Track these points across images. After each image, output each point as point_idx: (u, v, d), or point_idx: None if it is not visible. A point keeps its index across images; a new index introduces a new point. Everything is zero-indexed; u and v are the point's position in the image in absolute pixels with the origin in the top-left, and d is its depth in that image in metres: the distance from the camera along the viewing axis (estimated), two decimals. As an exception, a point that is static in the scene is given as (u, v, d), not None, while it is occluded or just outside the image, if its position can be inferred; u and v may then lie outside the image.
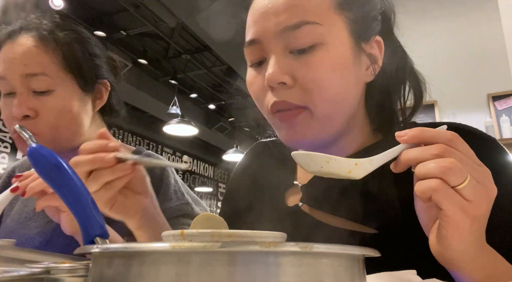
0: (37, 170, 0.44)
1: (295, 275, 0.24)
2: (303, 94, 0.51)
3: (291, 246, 0.24)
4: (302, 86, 0.51)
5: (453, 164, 0.38)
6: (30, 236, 0.84)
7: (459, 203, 0.38)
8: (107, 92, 0.89)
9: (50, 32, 0.81)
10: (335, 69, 0.51)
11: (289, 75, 0.51)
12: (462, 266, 0.41)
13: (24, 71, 0.77)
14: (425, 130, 0.41)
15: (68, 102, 0.80)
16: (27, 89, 0.78)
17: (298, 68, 0.51)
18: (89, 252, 0.28)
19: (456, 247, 0.40)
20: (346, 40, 0.52)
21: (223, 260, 0.23)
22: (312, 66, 0.50)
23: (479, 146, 0.50)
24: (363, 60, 0.55)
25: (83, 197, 0.42)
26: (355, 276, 0.27)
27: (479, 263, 0.42)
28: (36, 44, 0.78)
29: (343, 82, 0.52)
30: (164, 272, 0.23)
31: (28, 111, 0.76)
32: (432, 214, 0.44)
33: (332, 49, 0.51)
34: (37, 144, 0.45)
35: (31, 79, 0.77)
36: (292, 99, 0.51)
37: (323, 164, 0.42)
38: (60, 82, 0.79)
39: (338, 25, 0.52)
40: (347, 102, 0.53)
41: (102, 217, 0.42)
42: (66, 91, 0.80)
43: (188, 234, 0.31)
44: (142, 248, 0.25)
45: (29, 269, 0.34)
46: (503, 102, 2.78)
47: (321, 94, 0.51)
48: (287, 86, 0.51)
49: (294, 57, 0.51)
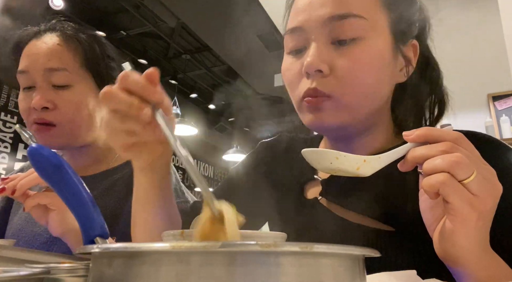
0: (37, 170, 0.44)
1: (295, 275, 0.24)
2: (335, 84, 0.52)
3: (291, 246, 0.24)
4: (337, 77, 0.52)
5: (460, 158, 0.39)
6: (38, 232, 0.85)
7: (466, 196, 0.39)
8: None
9: (74, 33, 0.88)
10: (373, 65, 0.52)
11: (327, 64, 0.52)
12: (467, 265, 0.41)
13: (46, 66, 0.82)
14: (431, 129, 0.42)
15: (85, 97, 0.85)
16: (48, 83, 0.83)
17: (337, 58, 0.52)
18: (89, 252, 0.28)
19: (462, 243, 0.40)
20: (387, 38, 0.54)
21: (223, 260, 0.23)
22: (351, 58, 0.51)
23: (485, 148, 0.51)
24: (399, 61, 0.56)
25: (83, 197, 0.42)
26: (355, 276, 0.27)
27: (483, 262, 0.42)
28: (60, 43, 0.85)
29: (378, 78, 0.53)
30: (164, 272, 0.23)
31: (47, 103, 0.81)
32: (437, 213, 0.44)
33: (373, 44, 0.52)
34: (37, 144, 0.45)
35: (52, 74, 0.82)
36: (323, 87, 0.52)
37: (333, 159, 0.42)
38: (79, 79, 0.85)
39: (382, 22, 0.53)
40: (377, 97, 0.55)
41: (102, 217, 0.42)
42: (84, 87, 0.86)
43: (188, 234, 0.31)
44: (142, 248, 0.25)
45: (29, 269, 0.34)
46: (503, 102, 2.78)
47: (353, 86, 0.52)
48: (323, 74, 0.52)
49: (335, 47, 0.52)
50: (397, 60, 0.56)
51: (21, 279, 0.31)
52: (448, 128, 0.45)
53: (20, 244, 0.84)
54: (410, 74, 0.58)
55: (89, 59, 0.86)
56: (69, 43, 0.85)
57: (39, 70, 0.82)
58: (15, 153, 4.24)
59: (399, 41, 0.55)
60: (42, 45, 0.84)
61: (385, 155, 0.44)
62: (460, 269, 0.42)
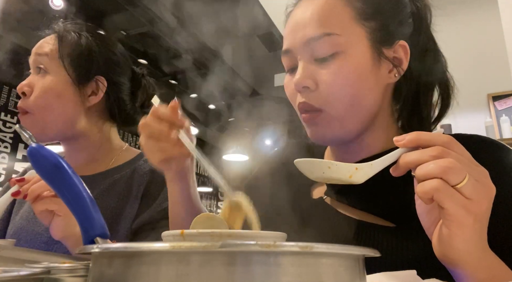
0: (37, 170, 0.44)
1: (295, 275, 0.24)
2: (322, 98, 0.56)
3: (291, 246, 0.24)
4: (322, 90, 0.56)
5: (451, 163, 0.39)
6: (39, 232, 0.85)
7: (461, 201, 0.39)
8: (103, 90, 0.93)
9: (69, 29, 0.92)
10: (352, 76, 0.55)
11: (312, 80, 0.56)
12: (466, 267, 0.42)
13: (36, 51, 0.89)
14: (421, 134, 0.43)
15: (57, 85, 0.88)
16: (35, 69, 0.88)
17: (320, 74, 0.56)
18: (89, 252, 0.28)
19: (460, 246, 0.41)
20: (365, 48, 0.57)
21: (223, 260, 0.23)
22: (331, 72, 0.55)
23: (484, 150, 0.53)
24: (384, 65, 0.58)
25: (83, 197, 0.42)
26: (355, 276, 0.27)
27: (482, 263, 0.42)
28: (54, 36, 0.91)
29: (360, 87, 0.56)
30: (164, 272, 0.23)
31: (26, 88, 0.86)
32: (434, 216, 0.44)
33: (350, 57, 0.55)
34: (37, 144, 0.45)
35: (37, 59, 0.88)
36: (312, 101, 0.57)
37: (325, 169, 0.44)
38: (56, 67, 0.88)
39: (357, 34, 0.57)
40: (364, 105, 0.57)
41: (102, 217, 0.42)
42: (59, 76, 0.88)
43: (188, 234, 0.31)
44: (142, 248, 0.25)
45: (29, 269, 0.34)
46: (503, 102, 2.78)
47: (336, 97, 0.56)
48: (310, 89, 0.57)
49: (318, 64, 0.57)
50: (381, 64, 0.58)
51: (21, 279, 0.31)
52: (438, 131, 0.45)
53: (21, 243, 0.84)
54: (403, 73, 0.60)
55: (72, 50, 0.90)
56: (60, 35, 0.91)
57: (32, 56, 0.90)
58: (15, 153, 4.24)
59: (382, 46, 0.58)
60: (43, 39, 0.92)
61: (377, 161, 0.44)
62: (459, 270, 0.42)
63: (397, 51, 0.59)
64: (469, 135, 0.59)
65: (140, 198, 0.87)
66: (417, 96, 0.63)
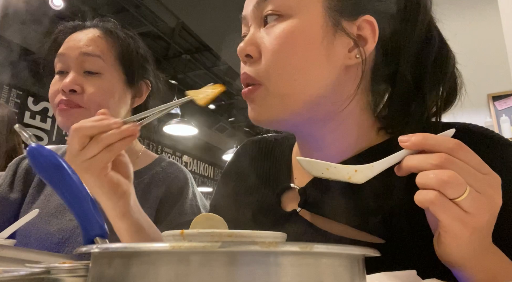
0: (36, 169, 0.44)
1: (295, 275, 0.24)
2: (262, 69, 0.49)
3: (291, 246, 0.24)
4: (264, 60, 0.49)
5: (451, 177, 0.37)
6: (50, 232, 0.84)
7: (457, 215, 0.37)
8: (147, 93, 0.97)
9: (114, 29, 0.94)
10: (296, 44, 0.48)
11: (256, 47, 0.50)
12: (464, 269, 0.42)
13: (82, 50, 0.87)
14: (427, 137, 0.40)
15: (112, 86, 0.88)
16: (80, 68, 0.86)
17: (263, 40, 0.50)
18: (89, 252, 0.28)
19: (456, 254, 0.41)
20: (317, 16, 0.49)
21: (223, 260, 0.23)
22: (273, 37, 0.48)
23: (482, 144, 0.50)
24: (341, 40, 0.49)
25: (83, 197, 0.42)
26: (355, 276, 0.27)
27: (483, 265, 0.42)
28: (100, 35, 0.91)
29: (306, 59, 0.48)
30: (164, 272, 0.23)
31: (76, 86, 0.84)
32: None
33: (297, 23, 0.48)
34: (37, 144, 0.45)
35: (86, 59, 0.87)
36: (252, 72, 0.50)
37: (323, 170, 0.43)
38: (110, 69, 0.89)
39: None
40: (311, 82, 0.49)
41: (102, 217, 0.42)
42: (113, 77, 0.89)
43: (188, 234, 0.31)
44: (142, 248, 0.25)
45: (29, 269, 0.34)
46: (503, 102, 2.78)
47: (277, 68, 0.48)
48: (253, 59, 0.50)
49: (264, 30, 0.50)
50: (336, 39, 0.49)
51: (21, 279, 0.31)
52: (450, 132, 0.42)
53: (31, 241, 0.83)
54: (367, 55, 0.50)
55: (123, 53, 0.91)
56: (108, 36, 0.91)
57: (75, 54, 0.86)
58: (15, 153, 4.23)
59: (340, 16, 0.49)
60: (83, 34, 0.90)
61: (378, 163, 0.42)
62: (459, 271, 0.42)
63: (362, 27, 0.50)
64: (473, 130, 0.53)
65: (155, 209, 0.88)
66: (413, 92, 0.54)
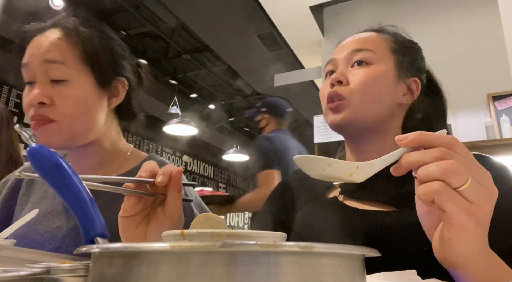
0: (37, 169, 0.44)
1: (295, 275, 0.24)
2: (349, 90, 0.71)
3: (291, 246, 0.24)
4: (351, 86, 0.72)
5: (454, 165, 0.38)
6: (40, 241, 0.81)
7: (462, 204, 0.38)
8: (124, 91, 0.91)
9: (74, 27, 0.86)
10: (376, 81, 0.72)
11: (344, 77, 0.73)
12: (466, 269, 0.42)
13: (44, 57, 0.81)
14: (424, 134, 0.42)
15: (83, 93, 0.83)
16: (46, 77, 0.81)
17: (352, 74, 0.73)
18: (89, 252, 0.28)
19: (460, 250, 0.40)
20: (390, 68, 0.74)
21: (223, 260, 0.23)
22: (362, 74, 0.72)
23: None
24: (401, 86, 0.74)
25: (83, 197, 0.42)
26: (355, 276, 0.27)
27: (483, 265, 0.42)
28: (61, 37, 0.84)
29: (380, 90, 0.72)
30: (164, 272, 0.23)
31: (44, 98, 0.79)
32: (434, 218, 0.44)
33: (378, 68, 0.73)
34: (37, 144, 0.45)
35: (50, 67, 0.81)
36: (340, 91, 0.71)
37: (325, 166, 0.43)
38: (77, 74, 0.83)
39: (387, 58, 0.74)
40: (378, 105, 0.71)
41: (102, 217, 0.42)
42: (82, 82, 0.83)
43: (188, 234, 0.31)
44: (142, 248, 0.25)
45: (29, 269, 0.34)
46: (503, 102, 2.78)
47: (362, 92, 0.70)
48: (343, 84, 0.72)
49: (352, 68, 0.74)
50: (398, 84, 0.73)
51: (21, 279, 0.31)
52: (441, 132, 0.44)
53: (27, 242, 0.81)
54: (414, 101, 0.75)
55: (88, 53, 0.84)
56: (69, 37, 0.84)
57: (38, 62, 0.81)
58: (15, 153, 4.23)
59: (401, 73, 0.74)
60: (44, 39, 0.83)
61: (378, 160, 0.43)
62: (459, 273, 0.42)
63: (412, 83, 0.75)
64: None
65: None
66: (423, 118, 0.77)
